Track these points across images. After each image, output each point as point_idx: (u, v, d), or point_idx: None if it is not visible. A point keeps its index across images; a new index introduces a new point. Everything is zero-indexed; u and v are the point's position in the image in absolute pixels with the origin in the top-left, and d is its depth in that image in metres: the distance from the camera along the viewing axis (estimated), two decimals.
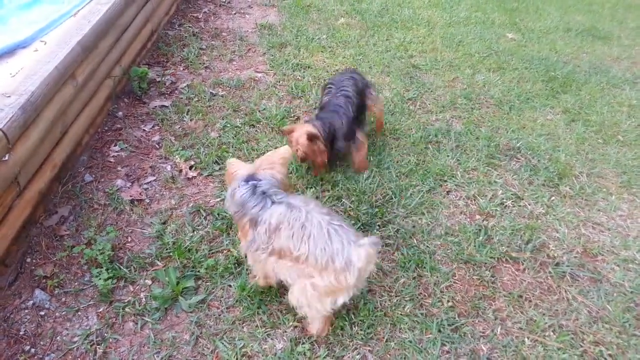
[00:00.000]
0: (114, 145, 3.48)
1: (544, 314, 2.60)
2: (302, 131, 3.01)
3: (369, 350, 2.37)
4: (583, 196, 3.45)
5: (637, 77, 5.30)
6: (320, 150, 3.10)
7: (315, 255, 2.03)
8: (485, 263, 2.86)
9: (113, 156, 3.39)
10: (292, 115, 4.01)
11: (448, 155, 3.70)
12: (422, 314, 2.55)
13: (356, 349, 2.37)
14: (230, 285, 2.61)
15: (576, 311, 2.63)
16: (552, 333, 2.51)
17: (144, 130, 3.67)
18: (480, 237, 3.02)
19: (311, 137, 3.00)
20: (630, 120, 4.42)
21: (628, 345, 2.47)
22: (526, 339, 2.46)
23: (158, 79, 4.21)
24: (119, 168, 3.31)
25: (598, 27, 6.64)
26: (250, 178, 2.28)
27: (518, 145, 3.88)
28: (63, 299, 2.49)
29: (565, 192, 3.46)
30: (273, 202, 2.18)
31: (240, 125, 3.81)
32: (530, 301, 2.67)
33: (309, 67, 4.72)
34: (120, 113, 3.80)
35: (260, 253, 2.20)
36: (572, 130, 4.19)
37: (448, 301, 2.63)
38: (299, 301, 2.17)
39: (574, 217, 3.26)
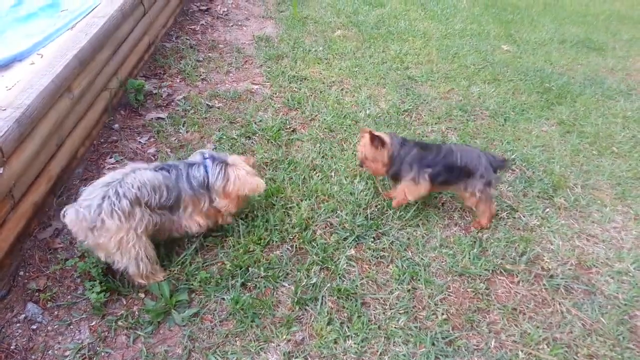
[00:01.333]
0: (110, 158, 3.48)
1: (538, 327, 2.59)
2: (371, 134, 3.04)
3: None
4: (577, 208, 3.46)
5: (631, 88, 5.34)
6: (377, 159, 3.10)
7: None
8: (480, 275, 2.86)
9: (108, 168, 3.40)
10: (289, 127, 4.03)
11: None
12: (416, 327, 2.54)
13: None
14: (223, 299, 2.61)
15: (570, 324, 2.63)
16: (546, 346, 2.50)
17: (140, 142, 3.68)
18: (475, 249, 3.02)
19: (374, 139, 3.03)
20: (625, 132, 4.44)
21: (622, 358, 2.47)
22: (520, 352, 2.46)
23: (155, 91, 4.23)
24: None
25: (593, 38, 6.69)
26: None
27: (513, 156, 3.89)
28: (55, 313, 2.48)
29: (559, 204, 3.47)
30: None
31: (236, 137, 3.82)
32: (524, 314, 2.66)
33: (305, 79, 4.75)
34: (117, 125, 3.81)
35: None
36: (567, 141, 4.21)
37: (442, 314, 2.63)
38: None
39: (568, 229, 3.26)
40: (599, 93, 5.10)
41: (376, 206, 3.29)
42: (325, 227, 3.10)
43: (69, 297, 2.55)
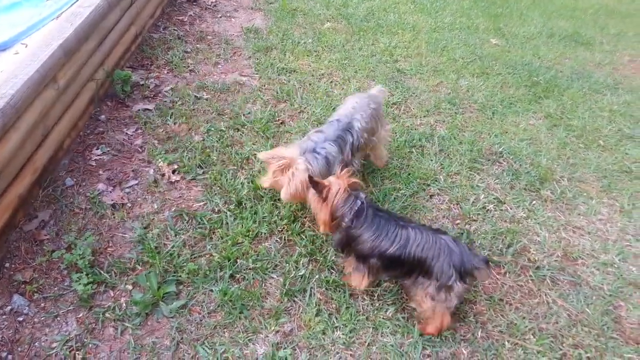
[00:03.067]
0: (96, 149, 3.45)
1: (524, 318, 2.62)
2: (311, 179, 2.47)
3: (351, 355, 2.37)
4: (564, 200, 3.49)
5: (618, 82, 5.38)
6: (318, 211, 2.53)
7: None
8: None
9: (95, 160, 3.36)
10: (277, 119, 4.01)
11: (432, 160, 3.72)
12: (403, 317, 2.56)
13: (338, 353, 2.37)
14: (211, 290, 2.60)
15: (556, 314, 2.66)
16: (532, 336, 2.53)
17: (127, 133, 3.65)
18: (463, 241, 3.03)
19: (315, 185, 2.45)
20: (611, 125, 4.49)
21: (606, 347, 2.50)
22: (506, 342, 2.49)
23: (142, 82, 4.19)
24: (100, 172, 3.28)
25: (581, 32, 6.73)
26: None
27: (500, 149, 3.91)
28: (42, 305, 2.46)
29: (546, 197, 3.50)
30: None
31: (224, 129, 3.80)
32: (510, 305, 2.69)
33: (294, 71, 4.73)
34: (103, 116, 3.77)
35: None
36: (554, 135, 4.24)
37: None
38: None
39: (554, 221, 3.29)
40: (586, 87, 5.14)
41: (365, 198, 3.29)
42: (314, 219, 3.10)
43: (55, 288, 2.53)
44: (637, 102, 4.97)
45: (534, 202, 3.45)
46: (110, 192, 3.13)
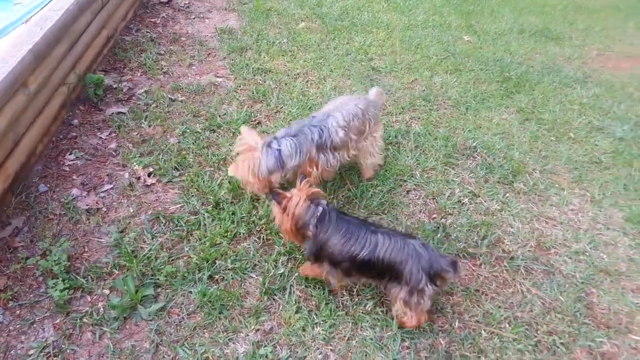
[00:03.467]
0: (69, 154, 3.40)
1: (499, 307, 2.68)
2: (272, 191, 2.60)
3: (331, 350, 2.40)
4: (536, 192, 3.57)
5: (587, 76, 5.52)
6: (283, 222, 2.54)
7: None
8: None
9: (68, 165, 3.32)
10: (254, 119, 4.02)
11: (408, 156, 3.77)
12: (382, 311, 2.59)
13: (318, 348, 2.39)
14: (190, 292, 2.59)
15: (530, 303, 2.72)
16: (507, 325, 2.59)
17: (101, 137, 3.61)
18: (439, 235, 3.08)
19: (275, 196, 2.51)
20: (581, 118, 4.60)
21: (579, 333, 2.58)
22: (483, 332, 2.54)
23: (115, 86, 4.14)
24: (74, 177, 3.24)
25: (550, 28, 6.88)
26: None
27: (474, 144, 3.98)
28: (17, 312, 2.42)
29: (519, 189, 3.57)
30: None
31: (200, 131, 3.79)
32: (486, 295, 2.75)
33: (270, 71, 4.73)
34: (76, 121, 3.72)
35: None
36: (526, 128, 4.33)
37: None
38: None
39: (527, 212, 3.37)
40: (556, 81, 5.26)
41: (343, 195, 3.32)
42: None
43: (31, 295, 2.49)
44: (606, 95, 5.10)
45: (508, 194, 3.52)
46: (85, 197, 3.10)
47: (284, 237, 2.63)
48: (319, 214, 2.41)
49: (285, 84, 4.55)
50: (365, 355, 2.38)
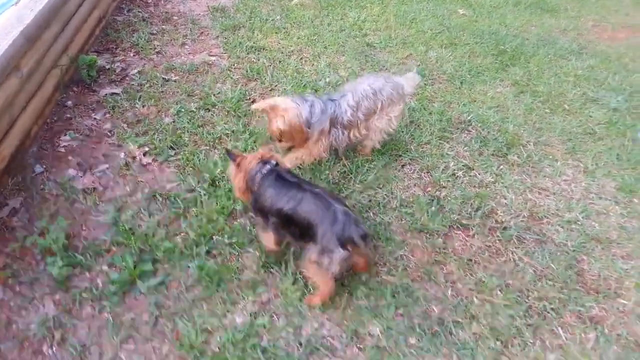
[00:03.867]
0: (64, 135, 3.42)
1: (492, 275, 2.72)
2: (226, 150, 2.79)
3: (327, 319, 2.45)
4: (530, 164, 3.60)
5: (582, 47, 5.50)
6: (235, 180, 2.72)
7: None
8: (438, 231, 2.97)
9: (64, 146, 3.34)
10: (248, 97, 4.02)
11: (403, 131, 3.78)
12: (377, 281, 2.64)
13: (314, 317, 2.44)
14: (188, 267, 2.64)
15: (522, 271, 2.77)
16: (499, 292, 2.64)
17: (95, 118, 3.62)
18: (433, 207, 3.12)
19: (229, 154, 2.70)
20: (576, 90, 4.60)
21: (569, 298, 2.63)
22: (475, 299, 2.59)
23: (108, 66, 4.14)
24: (70, 158, 3.26)
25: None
26: None
27: (469, 118, 3.99)
28: (17, 289, 2.46)
29: (513, 161, 3.60)
30: None
31: (195, 110, 3.79)
32: (479, 264, 2.79)
33: (263, 49, 4.71)
34: (70, 102, 3.73)
35: None
36: (521, 101, 4.34)
37: (403, 269, 2.72)
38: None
39: (521, 184, 3.40)
40: (551, 53, 5.24)
41: (338, 171, 3.34)
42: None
43: (30, 273, 2.54)
44: (601, 66, 5.09)
45: (502, 166, 3.54)
46: (81, 177, 3.13)
47: (235, 193, 2.72)
48: (265, 172, 2.54)
49: (280, 61, 4.54)
50: (360, 323, 2.43)
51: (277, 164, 2.60)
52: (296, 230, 2.44)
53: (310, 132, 3.10)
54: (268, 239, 2.63)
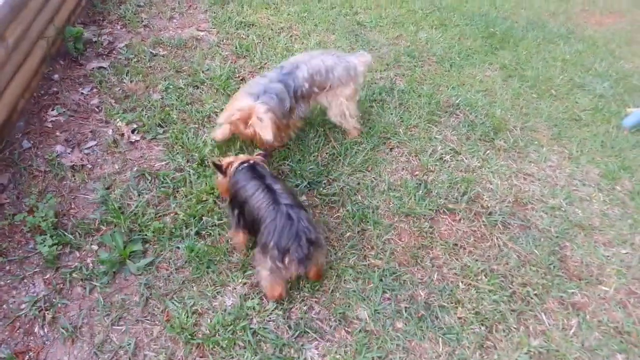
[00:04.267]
0: (52, 110, 3.36)
1: (477, 260, 2.79)
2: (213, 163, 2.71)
3: (316, 302, 2.50)
4: (516, 149, 3.65)
5: (571, 31, 5.53)
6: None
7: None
8: (425, 215, 3.02)
9: (51, 121, 3.29)
10: (237, 75, 3.98)
11: (392, 113, 3.79)
12: (364, 265, 2.69)
13: (303, 300, 2.49)
14: (178, 247, 2.65)
15: (506, 256, 2.84)
16: (484, 277, 2.71)
17: (82, 93, 3.56)
18: (420, 191, 3.16)
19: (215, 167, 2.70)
20: (563, 75, 4.65)
21: (552, 284, 2.71)
22: (460, 284, 2.66)
23: (94, 39, 4.05)
24: (57, 133, 3.22)
25: None
26: None
27: (457, 101, 4.02)
28: (7, 267, 2.46)
29: (499, 146, 3.65)
30: None
31: (183, 87, 3.75)
32: (464, 249, 2.86)
33: (253, 25, 4.65)
34: (56, 76, 3.65)
35: None
36: (509, 85, 4.37)
37: (391, 253, 2.78)
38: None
39: (507, 169, 3.45)
40: (540, 37, 5.27)
41: (327, 153, 3.36)
42: (278, 174, 3.15)
43: (20, 251, 2.53)
44: (588, 51, 5.14)
45: (488, 151, 3.59)
46: (69, 153, 3.09)
47: (222, 196, 2.81)
48: (240, 168, 2.56)
49: (269, 38, 4.49)
50: (348, 306, 2.49)
51: (254, 162, 2.60)
52: (253, 224, 2.39)
53: (287, 119, 3.11)
54: (235, 235, 2.63)
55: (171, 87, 3.73)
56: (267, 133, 2.81)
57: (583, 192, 3.37)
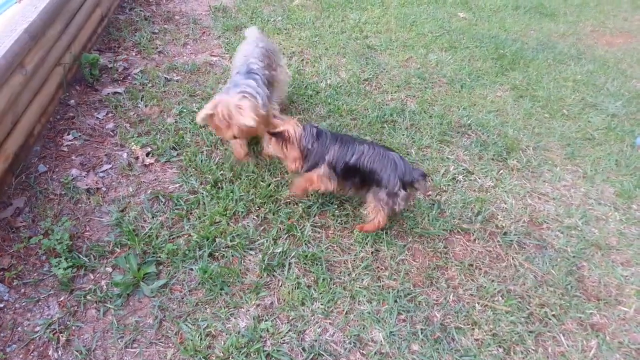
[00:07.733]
0: (67, 134, 3.42)
1: (493, 281, 2.75)
2: (269, 133, 2.90)
3: (330, 323, 2.47)
4: (529, 168, 3.63)
5: (581, 52, 5.54)
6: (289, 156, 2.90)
7: None
8: (439, 235, 2.99)
9: (67, 145, 3.34)
10: None
11: (403, 134, 3.80)
12: (379, 286, 2.66)
13: (317, 322, 2.46)
14: (191, 269, 2.65)
15: (523, 276, 2.80)
16: (500, 298, 2.66)
17: (98, 118, 3.62)
18: (434, 212, 3.14)
19: (275, 136, 2.84)
20: (575, 95, 4.64)
21: (570, 305, 2.66)
22: (477, 305, 2.62)
23: (110, 65, 4.14)
24: (73, 157, 3.26)
25: (545, 4, 6.86)
26: None
27: (469, 122, 4.02)
28: (22, 290, 2.47)
29: (512, 166, 3.63)
30: None
31: (197, 110, 3.78)
32: (480, 269, 2.82)
33: None
34: (73, 101, 3.73)
35: None
36: (520, 106, 4.37)
37: (405, 274, 2.75)
38: None
39: (520, 188, 3.43)
40: (550, 58, 5.28)
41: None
42: (291, 197, 3.15)
43: (35, 274, 2.55)
44: (599, 71, 5.14)
45: (501, 171, 3.57)
46: (84, 177, 3.13)
47: (290, 168, 2.90)
48: (315, 133, 2.80)
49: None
50: (363, 328, 2.45)
51: (315, 125, 2.89)
52: (358, 178, 2.79)
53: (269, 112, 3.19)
54: (327, 183, 2.84)
55: (185, 110, 3.78)
56: (245, 119, 2.79)
57: (599, 211, 3.33)
